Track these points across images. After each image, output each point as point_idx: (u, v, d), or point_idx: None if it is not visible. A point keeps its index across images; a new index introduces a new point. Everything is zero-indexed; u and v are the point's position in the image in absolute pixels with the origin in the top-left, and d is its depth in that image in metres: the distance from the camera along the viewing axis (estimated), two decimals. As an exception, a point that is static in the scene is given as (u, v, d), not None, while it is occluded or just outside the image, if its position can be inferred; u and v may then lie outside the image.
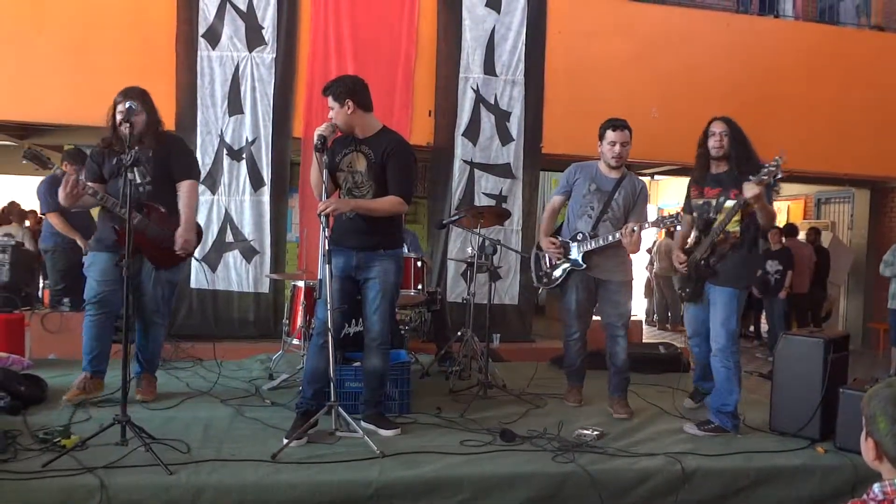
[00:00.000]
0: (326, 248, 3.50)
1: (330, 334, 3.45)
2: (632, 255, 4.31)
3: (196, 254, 4.36)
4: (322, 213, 3.48)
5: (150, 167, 3.96)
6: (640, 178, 4.44)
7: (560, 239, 4.38)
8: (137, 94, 3.91)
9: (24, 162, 3.62)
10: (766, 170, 3.64)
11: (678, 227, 4.26)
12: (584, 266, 4.26)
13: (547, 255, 4.42)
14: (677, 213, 4.20)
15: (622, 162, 4.27)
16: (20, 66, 6.03)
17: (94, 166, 4.03)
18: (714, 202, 3.94)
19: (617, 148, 4.21)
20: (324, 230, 3.49)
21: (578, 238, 4.28)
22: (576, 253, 4.27)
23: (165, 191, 4.02)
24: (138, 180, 3.80)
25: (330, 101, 3.65)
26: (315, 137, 3.55)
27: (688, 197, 4.22)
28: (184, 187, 4.08)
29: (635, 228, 4.02)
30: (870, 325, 9.83)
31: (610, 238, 4.16)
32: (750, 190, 3.63)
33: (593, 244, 4.21)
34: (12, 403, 3.70)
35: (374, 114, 3.77)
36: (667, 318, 11.36)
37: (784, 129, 7.50)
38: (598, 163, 4.38)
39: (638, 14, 7.30)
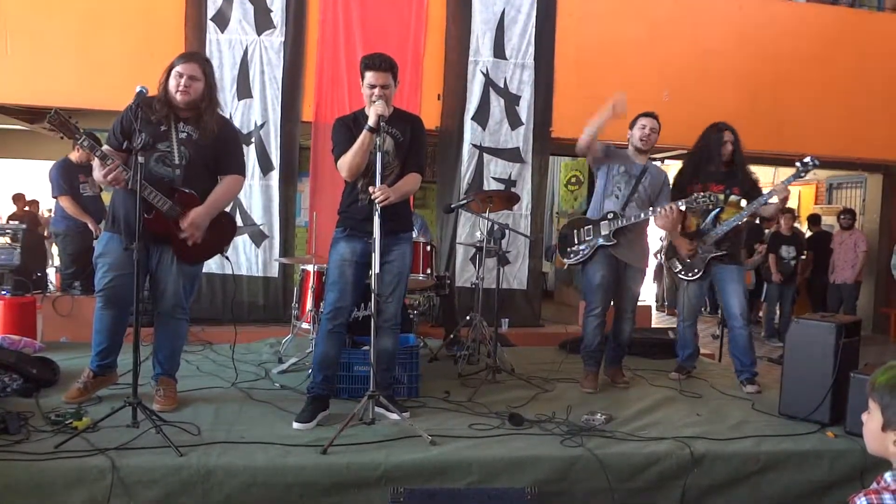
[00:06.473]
0: (377, 234, 3.35)
1: (373, 319, 3.45)
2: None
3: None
4: (378, 202, 3.35)
5: (189, 148, 3.52)
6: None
7: (591, 218, 4.46)
8: (201, 60, 3.57)
9: (46, 127, 3.17)
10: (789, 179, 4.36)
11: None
12: (615, 242, 4.31)
13: (575, 232, 4.45)
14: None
15: (649, 146, 4.43)
16: (30, 51, 6.03)
17: (119, 137, 3.45)
18: (723, 196, 4.55)
19: (647, 130, 4.39)
20: (377, 214, 3.36)
21: (609, 217, 4.35)
22: (606, 230, 4.33)
23: (200, 179, 3.59)
24: (174, 161, 3.46)
25: (388, 78, 3.58)
26: (374, 118, 3.42)
27: (682, 191, 4.55)
28: (229, 178, 3.71)
29: (673, 206, 4.24)
30: (881, 311, 9.78)
31: (642, 216, 4.30)
32: (782, 193, 4.38)
33: (624, 221, 4.30)
34: (25, 386, 3.74)
35: None
36: (675, 304, 11.33)
37: (796, 114, 7.45)
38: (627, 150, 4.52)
39: (649, -4, 7.21)
